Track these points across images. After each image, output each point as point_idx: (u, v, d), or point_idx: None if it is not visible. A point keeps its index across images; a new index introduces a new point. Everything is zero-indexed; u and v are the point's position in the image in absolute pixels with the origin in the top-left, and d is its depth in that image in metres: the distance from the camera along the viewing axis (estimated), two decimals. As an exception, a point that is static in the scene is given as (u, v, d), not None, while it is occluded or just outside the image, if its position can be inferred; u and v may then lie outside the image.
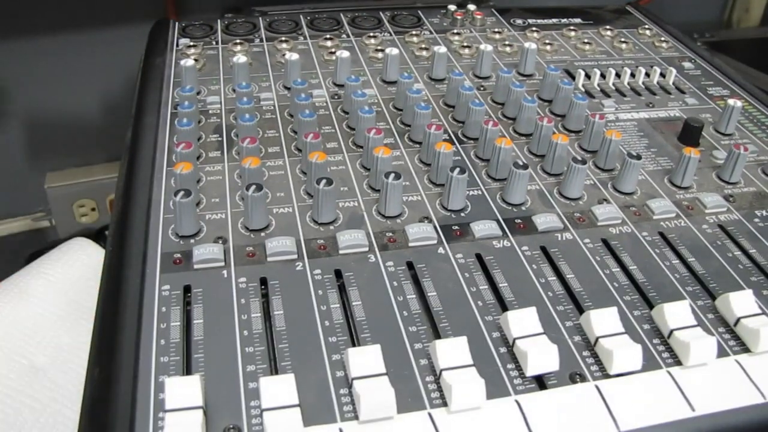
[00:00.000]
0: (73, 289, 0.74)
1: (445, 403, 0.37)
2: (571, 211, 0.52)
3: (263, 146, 0.57)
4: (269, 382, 0.35)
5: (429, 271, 0.45)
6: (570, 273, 0.46)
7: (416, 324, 0.42)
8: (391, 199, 0.49)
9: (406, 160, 0.57)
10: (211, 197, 0.51)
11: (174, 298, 0.42)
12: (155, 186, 0.52)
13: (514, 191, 0.52)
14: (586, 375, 0.39)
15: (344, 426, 0.36)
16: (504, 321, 0.41)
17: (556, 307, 0.44)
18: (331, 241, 0.47)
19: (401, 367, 0.39)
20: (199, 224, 0.48)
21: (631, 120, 0.65)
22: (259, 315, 0.41)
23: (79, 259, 0.78)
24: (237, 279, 0.44)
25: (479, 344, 0.41)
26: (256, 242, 0.47)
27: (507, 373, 0.39)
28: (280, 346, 0.40)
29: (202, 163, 0.55)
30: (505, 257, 0.47)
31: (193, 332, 0.40)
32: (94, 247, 0.80)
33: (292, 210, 0.50)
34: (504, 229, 0.50)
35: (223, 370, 0.38)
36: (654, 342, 0.42)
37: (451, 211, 0.51)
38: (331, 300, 0.43)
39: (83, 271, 0.76)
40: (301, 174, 0.54)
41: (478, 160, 0.57)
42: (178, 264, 0.45)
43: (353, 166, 0.56)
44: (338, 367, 0.39)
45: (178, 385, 0.35)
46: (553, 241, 0.49)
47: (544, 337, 0.40)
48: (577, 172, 0.52)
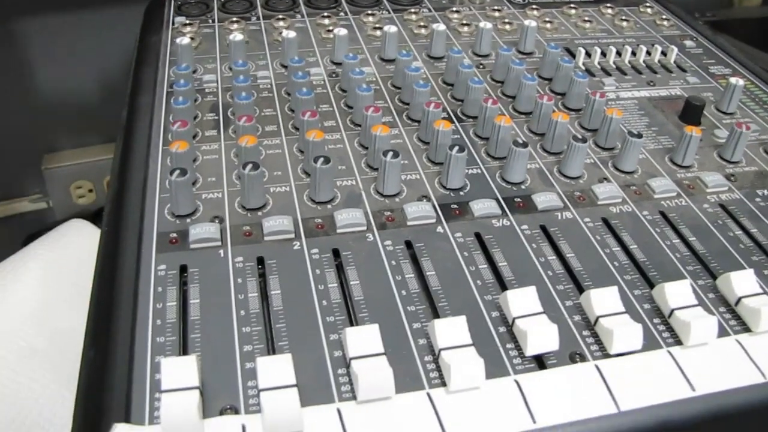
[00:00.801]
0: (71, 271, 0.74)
1: (444, 383, 0.37)
2: (571, 190, 0.52)
3: (260, 125, 0.57)
4: (266, 362, 0.35)
5: (428, 250, 0.45)
6: (570, 252, 0.46)
7: (415, 303, 0.41)
8: (389, 177, 0.49)
9: (404, 139, 0.56)
10: (207, 176, 0.51)
11: (170, 278, 0.42)
12: (151, 165, 0.51)
13: (513, 170, 0.51)
14: (586, 355, 0.39)
15: (342, 406, 0.35)
16: (503, 300, 0.40)
17: (556, 287, 0.43)
18: (329, 220, 0.47)
19: (400, 347, 0.39)
20: (196, 203, 0.48)
21: (632, 98, 0.65)
22: (256, 295, 0.41)
23: (77, 241, 0.78)
24: (234, 258, 0.43)
25: (478, 324, 0.40)
26: (253, 221, 0.46)
27: (506, 352, 0.39)
28: (278, 326, 0.39)
29: (199, 142, 0.54)
30: (504, 236, 0.47)
31: (189, 312, 0.40)
32: (92, 228, 0.80)
33: (290, 189, 0.50)
34: (503, 207, 0.49)
35: (219, 351, 0.38)
36: (654, 321, 0.41)
37: (450, 190, 0.50)
38: (328, 279, 0.42)
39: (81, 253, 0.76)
40: (298, 153, 0.54)
41: (477, 138, 0.57)
42: (174, 244, 0.44)
43: (351, 145, 0.55)
44: (336, 347, 0.38)
45: (174, 366, 0.34)
46: (553, 220, 0.48)
47: (543, 316, 0.39)
48: (577, 150, 0.52)
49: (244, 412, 0.35)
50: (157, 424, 0.34)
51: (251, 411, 0.35)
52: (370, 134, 0.52)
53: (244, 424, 0.34)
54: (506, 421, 0.35)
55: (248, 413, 0.35)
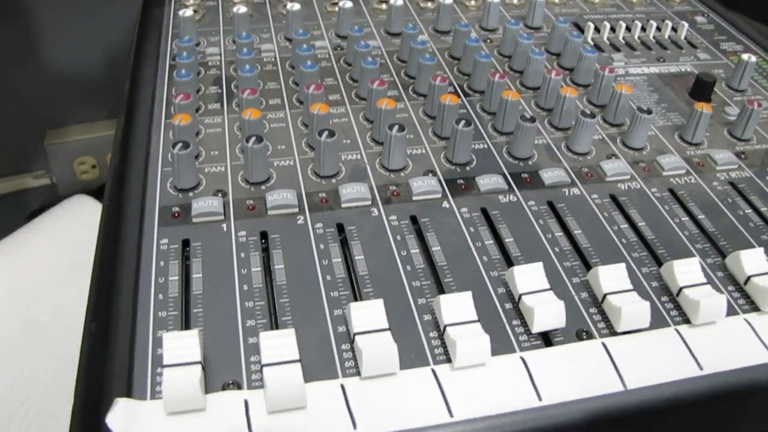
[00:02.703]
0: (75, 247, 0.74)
1: (449, 360, 0.36)
2: (578, 166, 0.51)
3: (264, 98, 0.56)
4: (269, 337, 0.35)
5: (433, 226, 0.44)
6: (577, 229, 0.45)
7: (420, 279, 0.41)
8: (394, 151, 0.48)
9: (410, 113, 0.55)
10: (210, 150, 0.50)
11: (172, 252, 0.41)
12: (153, 138, 0.51)
13: (520, 145, 0.50)
14: (593, 332, 0.39)
15: (346, 382, 0.35)
16: (510, 276, 0.40)
17: (563, 263, 0.43)
18: (333, 195, 0.46)
19: (404, 323, 0.38)
20: (198, 177, 0.47)
21: (641, 75, 0.64)
22: (260, 269, 0.41)
23: (81, 217, 0.78)
24: (237, 233, 0.43)
25: (484, 300, 0.40)
26: (257, 195, 0.46)
27: (512, 329, 0.38)
28: (281, 301, 0.39)
29: (202, 116, 0.54)
30: (511, 212, 0.46)
31: (191, 287, 0.39)
32: (95, 204, 0.79)
33: (294, 163, 0.49)
34: (510, 183, 0.48)
35: (222, 325, 0.37)
36: (662, 300, 0.41)
37: (456, 165, 0.50)
38: (332, 254, 0.42)
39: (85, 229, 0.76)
40: (302, 126, 0.53)
41: (484, 113, 0.56)
42: (176, 218, 0.44)
43: (356, 119, 0.54)
44: (340, 322, 0.38)
45: (176, 340, 0.34)
46: (561, 196, 0.48)
47: (550, 293, 0.39)
48: (585, 126, 0.51)
49: (247, 387, 0.35)
50: (159, 399, 0.33)
51: (254, 386, 0.34)
52: (375, 108, 0.51)
53: (247, 400, 0.34)
54: (512, 398, 0.35)
55: (251, 389, 0.34)
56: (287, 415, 0.33)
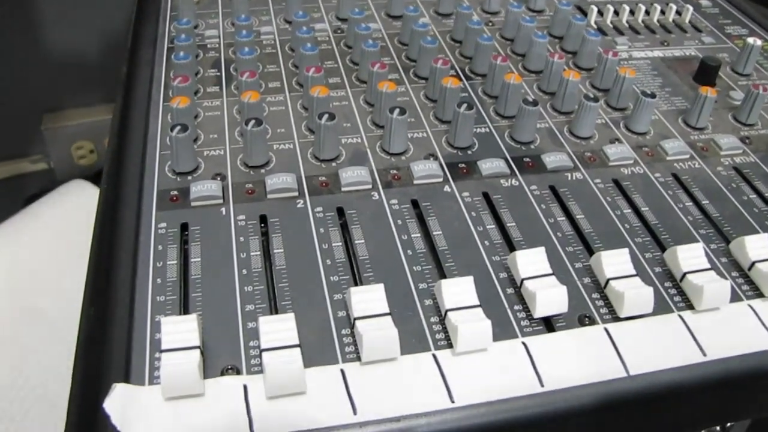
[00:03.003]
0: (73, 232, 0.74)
1: (451, 345, 0.36)
2: (581, 150, 0.50)
3: (263, 81, 0.55)
4: (269, 322, 0.34)
5: (434, 210, 0.44)
6: (580, 213, 0.45)
7: (421, 263, 0.40)
8: (395, 135, 0.47)
9: (411, 96, 0.55)
10: (209, 133, 0.49)
11: (171, 236, 0.41)
12: (151, 121, 0.50)
13: (523, 129, 0.50)
14: (595, 317, 0.38)
15: (346, 367, 0.35)
16: (512, 261, 0.39)
17: (565, 248, 0.42)
18: (333, 178, 0.46)
19: (405, 308, 0.38)
20: (197, 160, 0.47)
21: (645, 58, 0.63)
22: (259, 253, 0.40)
23: (78, 202, 0.77)
24: (236, 216, 0.43)
25: (486, 285, 0.39)
26: (256, 179, 0.45)
27: (514, 314, 0.38)
28: (280, 286, 0.38)
29: (200, 99, 0.53)
30: (513, 196, 0.46)
31: (190, 271, 0.39)
32: (93, 189, 0.79)
33: (293, 146, 0.49)
34: (512, 167, 0.48)
35: (221, 310, 0.37)
36: (666, 285, 0.41)
37: (458, 149, 0.49)
38: (332, 238, 0.42)
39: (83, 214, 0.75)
40: (302, 109, 0.53)
41: (485, 96, 0.55)
42: (174, 201, 0.44)
43: (356, 102, 0.54)
44: (340, 306, 0.38)
45: (174, 325, 0.34)
46: (563, 181, 0.47)
47: (552, 278, 0.38)
48: (588, 110, 0.50)
49: (246, 372, 0.34)
50: (157, 384, 0.33)
51: (253, 371, 0.34)
52: (376, 91, 0.50)
53: (246, 385, 0.34)
54: (513, 383, 0.35)
55: (250, 374, 0.34)
56: (287, 401, 0.33)
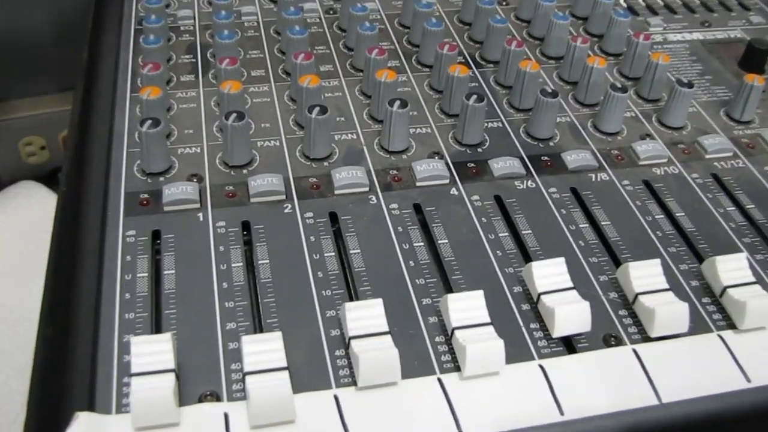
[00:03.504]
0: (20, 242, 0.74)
1: (458, 368, 0.37)
2: (607, 147, 0.52)
3: (245, 69, 0.57)
4: (253, 342, 0.35)
5: (440, 215, 0.45)
6: (605, 219, 0.46)
7: (425, 276, 0.42)
8: (395, 130, 0.49)
9: (413, 86, 0.56)
10: (183, 128, 0.51)
11: (141, 246, 0.42)
12: (117, 115, 0.51)
13: (540, 123, 0.51)
14: (622, 337, 0.39)
15: (340, 393, 0.36)
16: (527, 273, 0.41)
17: (588, 259, 0.43)
18: (326, 180, 0.47)
19: (407, 325, 0.39)
20: (170, 159, 0.48)
21: (682, 42, 0.64)
22: (241, 265, 0.41)
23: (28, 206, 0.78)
24: (215, 223, 0.44)
25: (498, 300, 0.40)
26: (238, 180, 0.47)
27: (530, 333, 0.39)
28: (266, 301, 0.40)
29: (173, 89, 0.55)
30: (529, 200, 0.47)
31: (163, 285, 0.40)
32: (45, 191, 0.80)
33: (280, 143, 0.50)
34: (528, 167, 0.49)
35: (198, 328, 0.38)
36: (703, 301, 0.42)
37: (467, 146, 0.51)
38: (325, 247, 0.43)
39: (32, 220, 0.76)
40: (290, 101, 0.54)
41: (498, 87, 0.57)
42: (145, 206, 0.45)
43: (351, 93, 0.55)
44: (333, 324, 0.39)
45: (146, 346, 0.35)
46: (586, 182, 0.49)
47: (574, 292, 0.39)
48: (615, 101, 0.52)
49: (227, 398, 0.35)
50: (126, 413, 0.34)
51: (235, 398, 0.35)
52: (373, 80, 0.52)
53: (227, 413, 0.34)
54: (529, 412, 0.36)
55: (231, 400, 0.35)
56: (273, 431, 0.34)
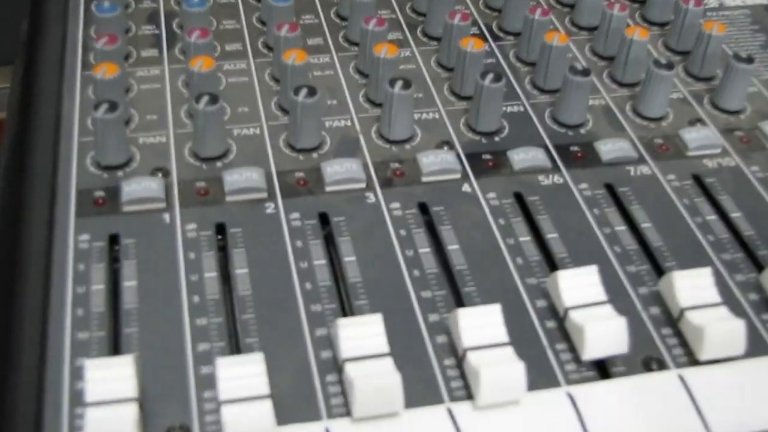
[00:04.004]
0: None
1: (471, 396, 0.37)
2: (650, 135, 0.52)
3: (219, 42, 0.57)
4: (229, 366, 0.36)
5: (449, 216, 0.46)
6: (646, 221, 0.47)
7: (431, 288, 0.42)
8: (397, 116, 0.49)
9: (418, 63, 0.57)
10: (146, 113, 0.52)
11: (96, 252, 0.43)
12: (66, 97, 0.52)
13: (570, 107, 0.52)
14: (665, 361, 0.40)
15: (332, 425, 0.36)
16: (553, 285, 0.41)
17: (626, 267, 0.44)
18: (315, 175, 0.48)
19: (410, 346, 0.40)
20: (130, 150, 0.49)
21: (742, 7, 0.65)
22: (215, 275, 0.42)
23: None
24: (184, 226, 0.44)
25: (518, 316, 0.41)
26: (211, 175, 0.47)
27: (556, 355, 0.40)
28: (245, 318, 0.40)
29: (133, 66, 0.55)
30: (555, 198, 0.48)
31: (122, 298, 0.41)
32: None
33: (260, 131, 0.51)
34: (555, 159, 0.50)
35: (165, 350, 0.39)
36: (763, 317, 0.42)
37: (482, 134, 0.51)
38: (314, 254, 0.43)
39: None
40: (272, 81, 0.55)
41: (519, 63, 0.58)
42: (100, 205, 0.45)
43: (345, 71, 0.56)
44: (324, 345, 0.39)
45: (102, 370, 0.35)
46: (624, 177, 0.49)
47: (608, 307, 0.40)
48: (659, 80, 0.52)
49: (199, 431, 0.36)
50: (80, 450, 0.35)
51: (209, 431, 0.36)
52: (371, 56, 0.52)
53: (200, 449, 0.35)
54: (555, 447, 0.36)
55: (205, 433, 0.36)
56: (254, 469, 0.35)
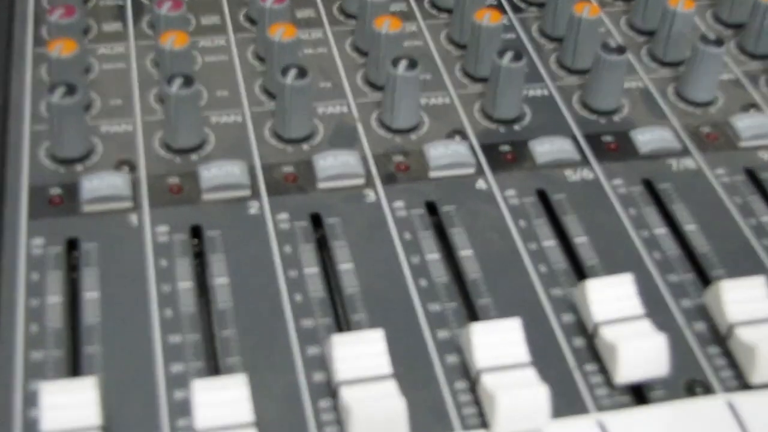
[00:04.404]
0: None
1: (486, 424, 0.38)
2: (695, 123, 0.53)
3: (194, 15, 0.58)
4: (208, 389, 0.36)
5: (462, 218, 0.47)
6: (690, 222, 0.47)
7: (441, 300, 0.43)
8: (401, 101, 0.50)
9: (425, 39, 0.58)
10: (109, 97, 0.52)
11: (52, 259, 0.43)
12: (15, 79, 0.53)
13: (602, 90, 0.52)
14: (712, 384, 0.40)
15: (326, 458, 0.37)
16: (581, 296, 0.41)
17: (666, 276, 0.45)
18: (306, 169, 0.48)
19: (416, 366, 0.40)
20: (91, 141, 0.49)
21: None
22: (191, 285, 0.43)
23: None
24: (154, 228, 0.45)
25: (541, 332, 0.42)
26: (185, 169, 0.48)
27: (585, 378, 0.40)
28: (225, 334, 0.41)
29: (94, 42, 0.56)
30: (584, 196, 0.48)
31: (83, 312, 0.41)
32: None
33: (242, 118, 0.51)
34: (584, 151, 0.51)
35: (133, 371, 0.39)
36: (828, 335, 0.43)
37: (500, 122, 0.52)
38: (305, 261, 0.44)
39: None
40: (256, 61, 0.55)
41: (544, 39, 0.58)
42: (57, 205, 0.46)
43: (341, 49, 0.57)
44: (316, 365, 0.40)
45: (61, 395, 0.35)
46: (665, 172, 0.50)
47: (645, 322, 0.40)
48: (707, 59, 0.53)
49: None
50: (34, 486, 0.35)
51: None
52: (371, 31, 0.53)
53: (173, 485, 0.36)
54: (584, 483, 0.37)
55: (178, 468, 0.36)
56: (235, 508, 0.35)
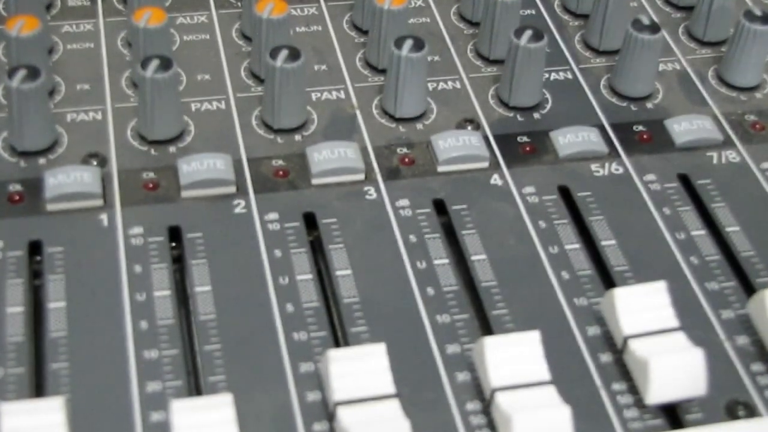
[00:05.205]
0: None
1: None
2: (739, 110, 0.54)
3: (170, -11, 0.59)
4: (188, 410, 0.37)
5: (474, 218, 0.47)
6: (733, 224, 0.48)
7: (450, 310, 0.44)
8: (406, 86, 0.51)
9: (433, 16, 0.59)
10: (75, 82, 0.53)
11: (12, 265, 0.44)
12: None
13: (633, 73, 0.53)
14: (756, 405, 0.41)
15: (321, 487, 0.38)
16: (608, 306, 0.42)
17: (704, 284, 0.45)
18: (298, 163, 0.49)
19: (422, 385, 0.41)
20: (55, 131, 0.50)
21: None
22: (169, 293, 0.43)
23: None
24: (127, 230, 0.46)
25: (563, 346, 0.43)
26: (161, 163, 0.49)
27: (612, 397, 0.41)
28: (207, 349, 0.41)
29: (57, 19, 0.57)
30: (613, 193, 0.49)
31: (48, 324, 0.42)
32: None
33: (226, 106, 0.52)
34: (612, 142, 0.52)
35: (104, 390, 0.40)
36: None
37: (517, 110, 0.53)
38: (297, 266, 0.45)
39: None
40: (241, 40, 0.56)
41: (568, 16, 0.59)
42: (17, 203, 0.47)
43: (337, 27, 0.58)
44: (310, 383, 0.40)
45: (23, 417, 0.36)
46: (705, 166, 0.51)
47: (680, 335, 0.41)
48: (752, 38, 0.53)
49: None
50: None
51: None
52: (372, 7, 0.54)
53: None
54: None
55: (156, 498, 0.37)
56: None
